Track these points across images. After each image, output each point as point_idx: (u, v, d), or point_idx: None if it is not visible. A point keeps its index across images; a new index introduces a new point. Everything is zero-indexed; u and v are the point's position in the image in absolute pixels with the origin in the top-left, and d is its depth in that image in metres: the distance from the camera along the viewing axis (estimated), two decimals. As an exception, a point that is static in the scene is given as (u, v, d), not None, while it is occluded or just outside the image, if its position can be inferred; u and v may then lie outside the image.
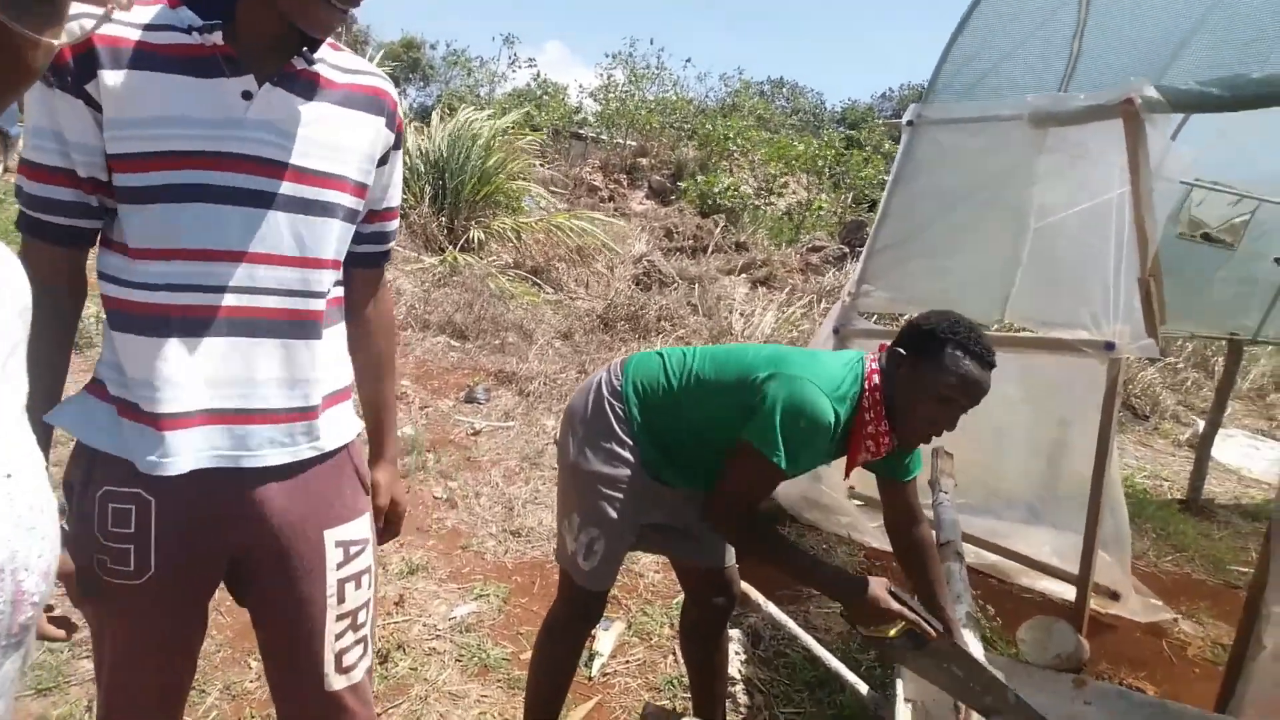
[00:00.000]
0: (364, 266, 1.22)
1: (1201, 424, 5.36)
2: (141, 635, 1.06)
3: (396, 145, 1.17)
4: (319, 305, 1.09)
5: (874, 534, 3.55)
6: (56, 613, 0.98)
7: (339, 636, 1.14)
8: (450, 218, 7.94)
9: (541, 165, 10.91)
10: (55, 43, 0.51)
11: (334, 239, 1.09)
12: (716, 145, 12.80)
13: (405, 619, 2.53)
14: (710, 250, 9.23)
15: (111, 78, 0.93)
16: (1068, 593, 2.92)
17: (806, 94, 25.97)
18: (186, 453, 0.99)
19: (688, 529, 1.81)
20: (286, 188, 1.02)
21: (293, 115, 1.02)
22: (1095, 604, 2.83)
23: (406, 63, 20.33)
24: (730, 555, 1.85)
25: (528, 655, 2.39)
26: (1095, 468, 2.81)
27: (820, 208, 11.67)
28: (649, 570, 3.04)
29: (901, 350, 1.54)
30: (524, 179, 9.11)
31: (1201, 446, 4.92)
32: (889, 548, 3.67)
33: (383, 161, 1.14)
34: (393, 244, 1.27)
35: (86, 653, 2.14)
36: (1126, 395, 7.16)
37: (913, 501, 1.75)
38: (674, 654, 2.54)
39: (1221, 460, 5.85)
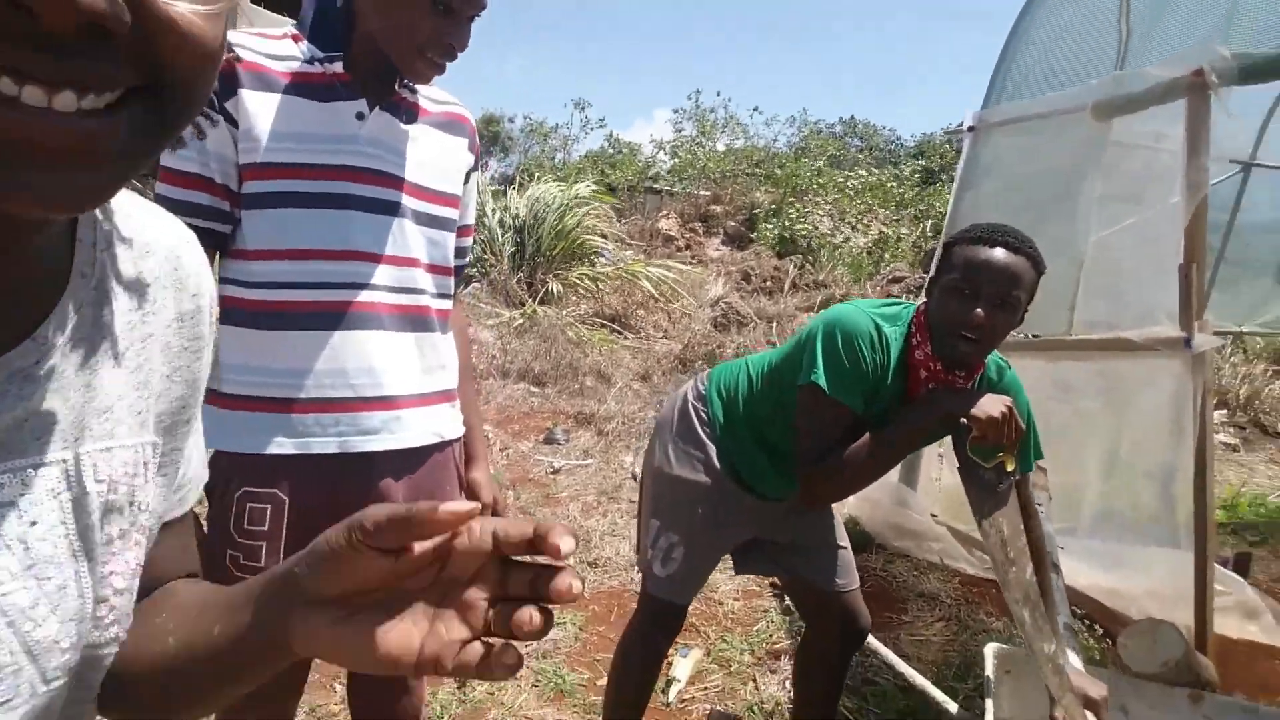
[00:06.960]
0: None
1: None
2: None
3: (475, 166, 1.32)
4: (446, 305, 1.24)
5: (969, 561, 3.34)
6: None
7: None
8: (530, 273, 8.21)
9: (618, 224, 11.15)
10: None
11: (452, 247, 1.26)
12: (788, 185, 12.82)
13: (484, 647, 2.56)
14: (788, 288, 9.15)
15: (249, 97, 1.07)
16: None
17: (880, 131, 25.71)
18: (320, 435, 1.10)
19: (796, 545, 1.74)
20: (408, 200, 1.16)
21: (399, 135, 1.17)
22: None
23: (488, 137, 21.56)
24: (849, 576, 1.74)
25: (603, 682, 2.37)
26: (1196, 479, 2.56)
27: (900, 240, 11.44)
28: (728, 598, 2.98)
29: None
30: (601, 236, 9.33)
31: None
32: (985, 574, 3.43)
33: (465, 179, 1.29)
34: (469, 259, 1.41)
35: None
36: (1255, 411, 6.57)
37: (1026, 496, 1.64)
38: (754, 680, 2.46)
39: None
